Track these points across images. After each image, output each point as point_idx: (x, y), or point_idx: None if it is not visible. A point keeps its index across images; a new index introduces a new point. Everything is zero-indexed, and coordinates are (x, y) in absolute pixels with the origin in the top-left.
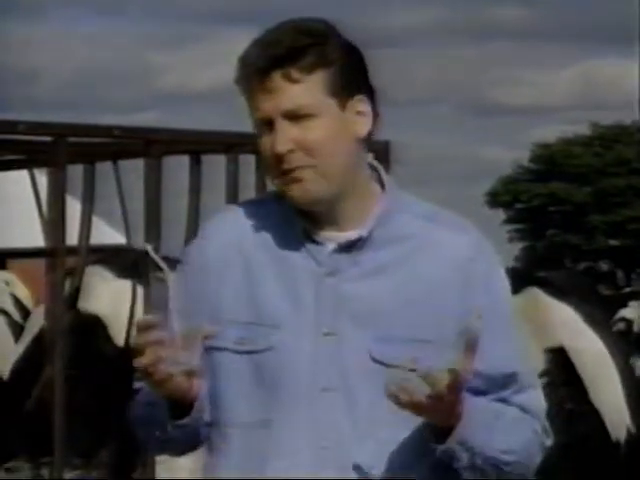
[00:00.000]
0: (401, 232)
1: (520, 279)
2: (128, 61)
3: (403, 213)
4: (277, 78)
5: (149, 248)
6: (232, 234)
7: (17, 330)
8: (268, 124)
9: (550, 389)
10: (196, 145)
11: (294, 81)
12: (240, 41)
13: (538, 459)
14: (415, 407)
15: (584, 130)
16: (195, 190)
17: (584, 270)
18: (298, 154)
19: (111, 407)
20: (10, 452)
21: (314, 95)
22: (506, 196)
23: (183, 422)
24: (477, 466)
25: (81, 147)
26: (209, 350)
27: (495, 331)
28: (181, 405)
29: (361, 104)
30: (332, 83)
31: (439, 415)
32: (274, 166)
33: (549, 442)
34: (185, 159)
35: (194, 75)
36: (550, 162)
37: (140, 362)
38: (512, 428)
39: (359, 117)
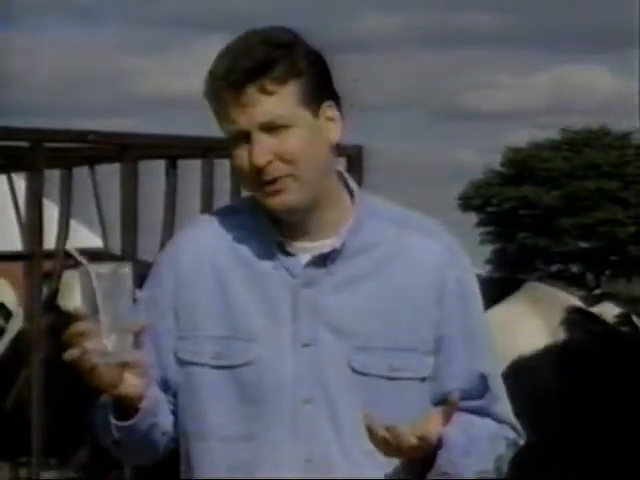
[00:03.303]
0: (373, 239)
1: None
2: (104, 67)
3: (374, 219)
4: (251, 91)
5: (70, 248)
6: (205, 244)
7: (1, 334)
8: (244, 137)
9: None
10: (172, 150)
11: (269, 93)
12: (217, 47)
13: (509, 460)
14: (392, 450)
15: (554, 135)
16: (171, 194)
17: (555, 272)
18: (277, 164)
19: (88, 407)
20: None
21: (288, 106)
22: (478, 199)
23: (127, 424)
24: None
25: (58, 152)
26: (186, 365)
27: (470, 337)
28: (126, 407)
29: (330, 110)
30: (304, 92)
31: (415, 456)
32: (252, 178)
33: (522, 441)
34: (161, 163)
35: (170, 81)
36: (521, 166)
37: (68, 354)
38: (488, 450)
39: (330, 123)
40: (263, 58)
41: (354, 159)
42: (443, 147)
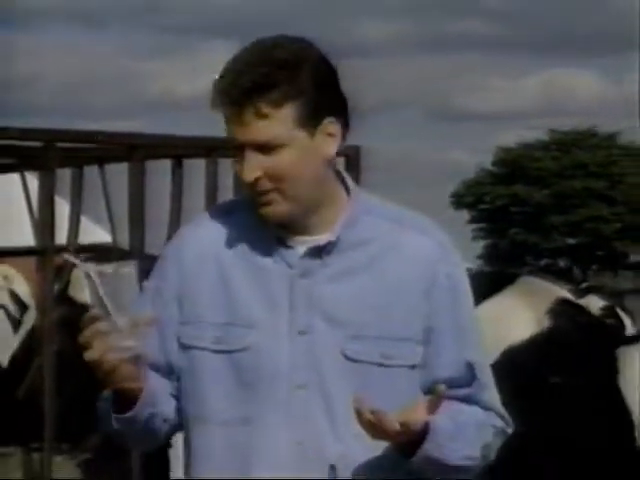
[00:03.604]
0: (368, 235)
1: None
2: (114, 71)
3: (369, 216)
4: (247, 111)
5: (67, 256)
6: (208, 239)
7: (16, 324)
8: (240, 149)
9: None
10: (177, 150)
11: (263, 116)
12: (220, 52)
13: (497, 448)
14: (378, 433)
15: (543, 135)
16: (177, 192)
17: (543, 267)
18: (264, 181)
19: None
20: (2, 438)
21: (283, 128)
22: (470, 197)
23: (125, 416)
24: (440, 471)
25: (69, 152)
26: (188, 349)
27: (459, 328)
28: (127, 398)
29: (331, 126)
30: (301, 114)
31: (402, 441)
32: (245, 188)
33: (510, 430)
34: (167, 163)
35: (177, 84)
36: (511, 165)
37: (90, 355)
38: (475, 437)
39: (329, 138)
40: (261, 80)
41: (352, 159)
42: (437, 147)
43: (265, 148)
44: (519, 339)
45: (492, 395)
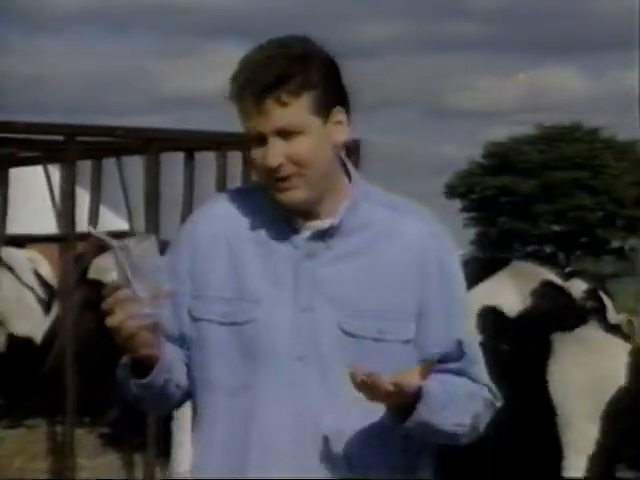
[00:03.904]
0: (367, 220)
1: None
2: (131, 71)
3: (368, 202)
4: (269, 102)
5: (91, 229)
6: (220, 220)
7: (46, 306)
8: (260, 139)
9: None
10: (190, 143)
11: (284, 104)
12: (227, 55)
13: (487, 421)
14: (373, 394)
15: (530, 130)
16: (189, 182)
17: (530, 253)
18: (287, 166)
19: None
20: (29, 411)
21: (301, 115)
22: (462, 188)
23: (144, 381)
24: (433, 437)
25: (89, 145)
26: (198, 321)
27: (449, 309)
28: (144, 365)
29: (339, 114)
30: (316, 102)
31: (396, 403)
32: (266, 175)
33: (499, 403)
34: (180, 155)
35: (190, 84)
36: (500, 158)
37: (112, 320)
38: (465, 405)
39: (338, 126)
40: (281, 73)
41: (352, 151)
42: (432, 141)
43: (286, 134)
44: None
45: (481, 369)
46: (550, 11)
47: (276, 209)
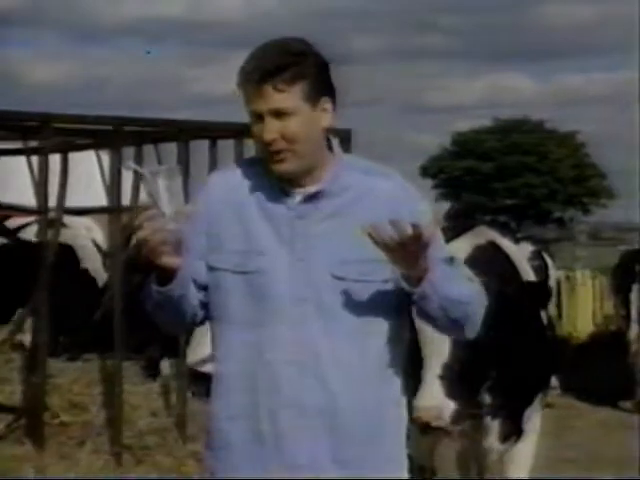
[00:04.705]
0: (347, 184)
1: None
2: (168, 75)
3: (348, 170)
4: (267, 88)
5: (131, 164)
6: (230, 185)
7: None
8: (259, 117)
9: None
10: (214, 132)
11: (279, 90)
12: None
13: (482, 313)
14: (386, 248)
15: (489, 122)
16: (212, 165)
17: (489, 222)
18: (280, 141)
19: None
20: (85, 348)
21: (293, 100)
22: (434, 169)
23: (165, 289)
24: (443, 305)
25: (132, 134)
26: (215, 270)
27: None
28: (165, 277)
29: (326, 103)
30: (307, 91)
31: (410, 264)
32: (263, 148)
33: (486, 302)
34: (205, 143)
35: (213, 85)
36: (465, 145)
37: (141, 234)
38: (465, 282)
39: (324, 113)
40: (278, 64)
41: (344, 139)
42: (410, 131)
43: (280, 115)
44: None
45: (469, 273)
46: (504, 25)
47: (273, 178)
